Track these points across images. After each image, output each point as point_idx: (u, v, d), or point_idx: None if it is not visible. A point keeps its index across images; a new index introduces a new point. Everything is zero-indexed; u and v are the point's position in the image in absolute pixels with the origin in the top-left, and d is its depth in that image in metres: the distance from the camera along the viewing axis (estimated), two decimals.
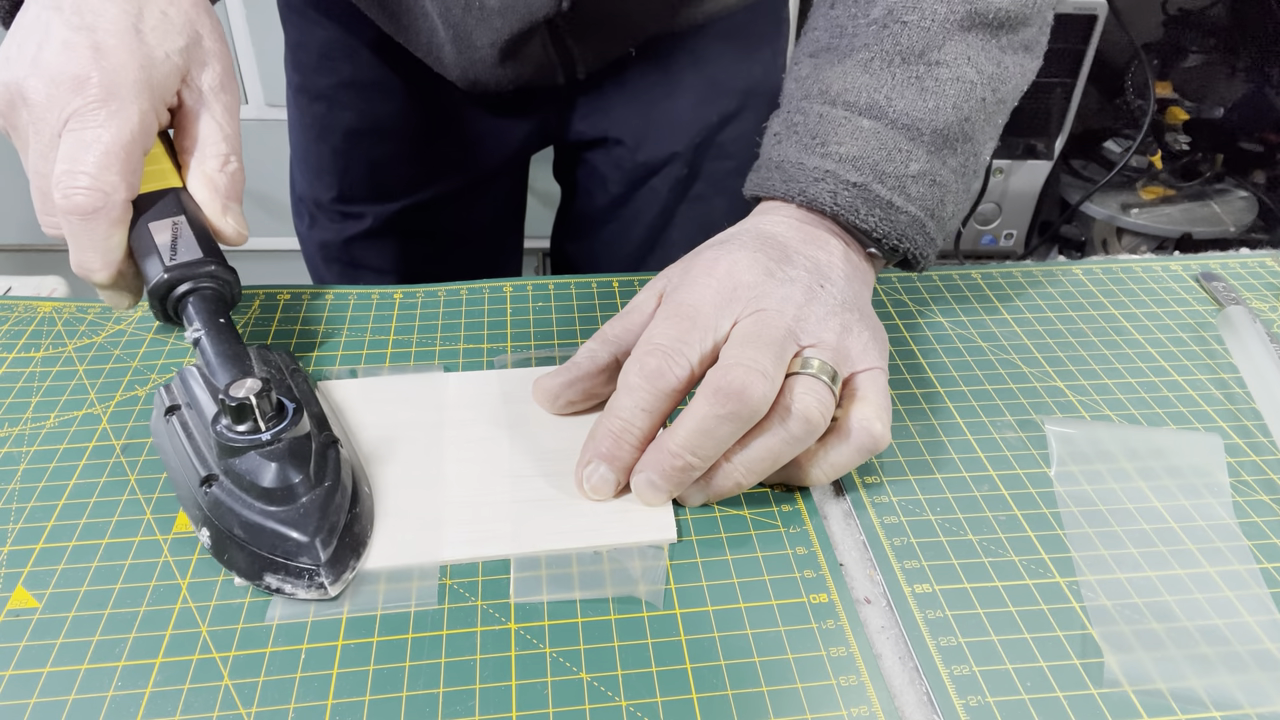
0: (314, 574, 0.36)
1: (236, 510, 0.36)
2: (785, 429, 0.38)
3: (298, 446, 0.37)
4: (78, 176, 0.39)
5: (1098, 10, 1.38)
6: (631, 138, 0.71)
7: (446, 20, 0.60)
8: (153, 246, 0.41)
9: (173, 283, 0.41)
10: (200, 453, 0.38)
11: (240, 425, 0.36)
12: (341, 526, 0.37)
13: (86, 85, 0.39)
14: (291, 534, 0.36)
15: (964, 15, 0.44)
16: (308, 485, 0.36)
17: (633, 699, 0.33)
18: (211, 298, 0.42)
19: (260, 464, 0.36)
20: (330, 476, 0.37)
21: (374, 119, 0.70)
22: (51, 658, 0.34)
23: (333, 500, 0.37)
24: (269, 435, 0.36)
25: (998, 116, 0.47)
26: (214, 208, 0.44)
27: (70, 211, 0.39)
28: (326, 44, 0.68)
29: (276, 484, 0.36)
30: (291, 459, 0.36)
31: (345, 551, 0.36)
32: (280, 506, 0.36)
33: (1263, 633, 0.35)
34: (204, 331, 0.41)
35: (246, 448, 0.36)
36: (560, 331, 0.51)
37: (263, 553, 0.36)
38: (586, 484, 0.40)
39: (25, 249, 1.49)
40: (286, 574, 0.36)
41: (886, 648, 0.35)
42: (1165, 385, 0.48)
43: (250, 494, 0.36)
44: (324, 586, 0.35)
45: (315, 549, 0.36)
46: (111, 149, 0.39)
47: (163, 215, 0.42)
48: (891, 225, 0.44)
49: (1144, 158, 1.55)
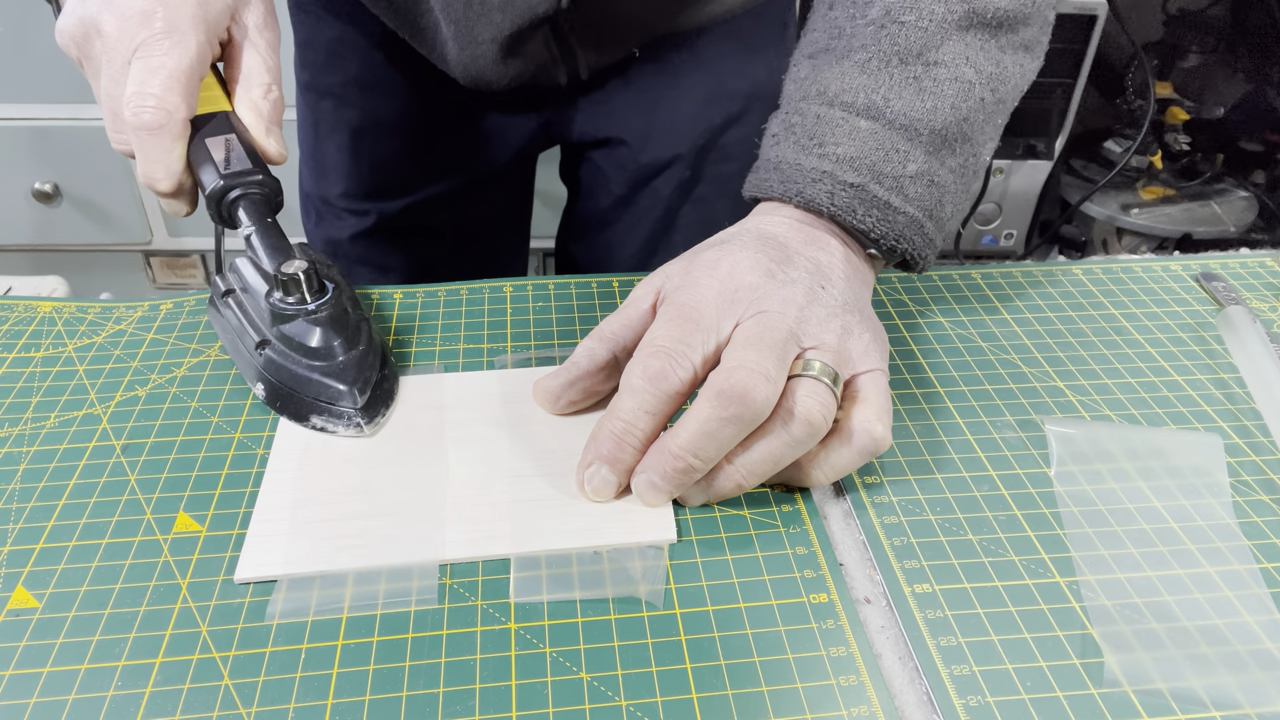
0: (352, 415, 0.43)
1: (288, 366, 0.44)
2: (787, 432, 0.38)
3: (338, 315, 0.45)
4: (145, 97, 0.44)
5: (1098, 10, 1.38)
6: (635, 138, 0.71)
7: (449, 16, 0.60)
8: (209, 158, 0.47)
9: (227, 188, 0.46)
10: (254, 323, 0.46)
11: (290, 297, 0.44)
12: (374, 381, 0.44)
13: (153, 19, 0.44)
14: (334, 384, 0.43)
15: (962, 15, 0.44)
16: (345, 347, 0.44)
17: (633, 699, 0.33)
18: (259, 201, 0.47)
19: (307, 328, 0.44)
20: (364, 342, 0.45)
21: (379, 117, 0.70)
22: (51, 658, 0.34)
23: (367, 359, 0.44)
24: (314, 305, 0.44)
25: (997, 117, 0.47)
26: (259, 129, 0.49)
27: (139, 128, 0.44)
28: (334, 42, 0.68)
29: (320, 344, 0.44)
30: (333, 325, 0.44)
31: (377, 400, 0.44)
32: (324, 362, 0.44)
33: (1263, 633, 0.35)
34: (254, 229, 0.46)
35: (295, 315, 0.44)
36: (560, 331, 0.51)
37: (309, 398, 0.43)
38: (588, 485, 0.40)
39: (25, 249, 1.49)
40: (329, 416, 0.43)
41: (886, 648, 0.35)
42: (1165, 385, 0.48)
43: (299, 352, 0.44)
44: (360, 426, 0.43)
45: (354, 395, 0.43)
46: (175, 73, 0.44)
47: (216, 133, 0.47)
48: (889, 226, 0.44)
49: (1144, 158, 1.55)
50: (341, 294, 0.46)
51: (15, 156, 1.38)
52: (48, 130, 1.35)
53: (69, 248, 1.48)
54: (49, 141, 1.36)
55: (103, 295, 0.55)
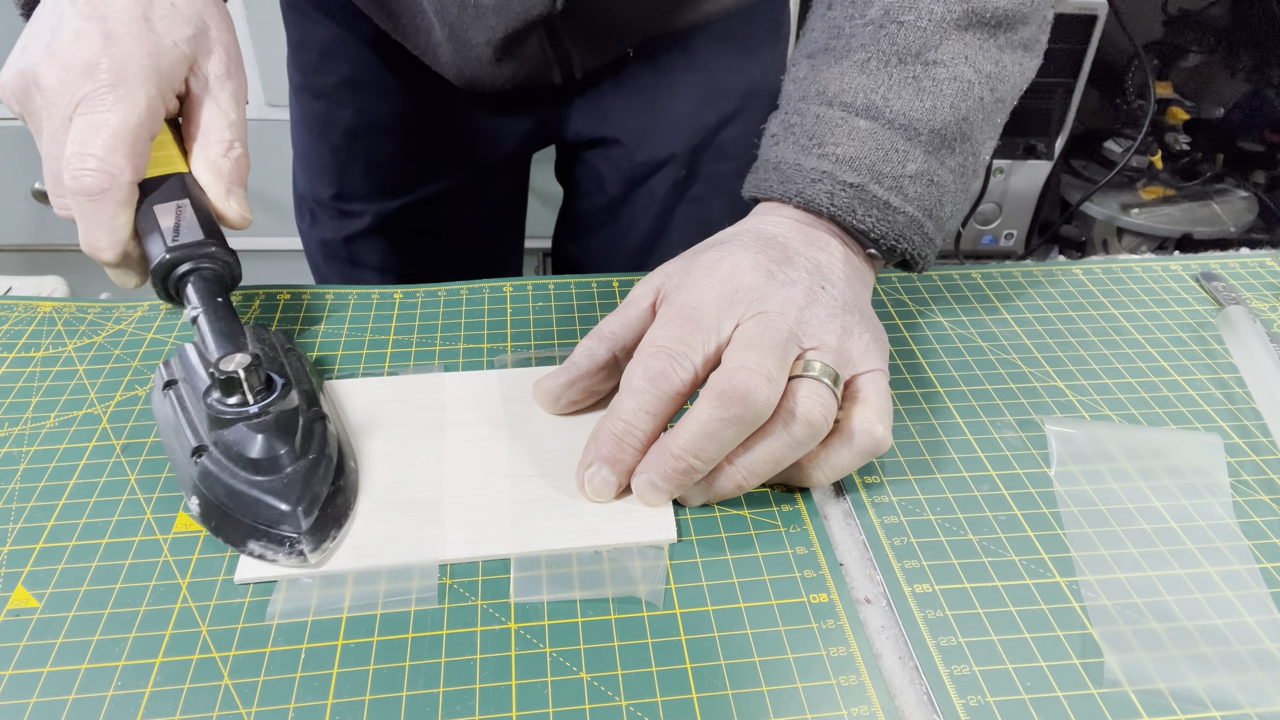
0: (295, 541, 0.37)
1: (224, 480, 0.37)
2: (788, 433, 0.38)
3: (285, 420, 0.38)
4: (86, 159, 0.40)
5: (1098, 10, 1.38)
6: (630, 138, 0.71)
7: (443, 18, 0.60)
8: (156, 227, 0.43)
9: (174, 263, 0.43)
10: (193, 425, 0.40)
11: (230, 398, 0.38)
12: (324, 497, 0.38)
13: (96, 71, 0.40)
14: (275, 503, 0.37)
15: (961, 14, 0.44)
16: (292, 457, 0.38)
17: (633, 699, 0.33)
18: (211, 278, 0.43)
19: (247, 435, 0.37)
20: (315, 449, 0.39)
21: (373, 117, 0.70)
22: (51, 658, 0.34)
23: (316, 472, 0.38)
24: (256, 408, 0.38)
25: (997, 116, 0.47)
26: (217, 192, 0.45)
27: (79, 192, 0.41)
28: (327, 42, 0.68)
29: (262, 455, 0.37)
30: (278, 431, 0.38)
31: (327, 521, 0.38)
32: (265, 476, 0.37)
33: (1263, 633, 0.35)
34: (201, 310, 0.42)
35: (235, 420, 0.37)
36: (560, 331, 0.51)
37: (247, 520, 0.37)
38: (588, 486, 0.40)
39: (25, 249, 1.49)
40: (269, 541, 0.37)
41: (886, 648, 0.35)
42: (1165, 385, 0.48)
43: (237, 464, 0.37)
44: (303, 554, 0.37)
45: (297, 517, 0.37)
46: (119, 132, 0.40)
47: (168, 198, 0.43)
48: (889, 226, 0.44)
49: (1144, 158, 1.55)
50: (293, 389, 0.39)
51: (15, 156, 1.38)
52: None
53: (69, 248, 1.48)
54: None
55: (103, 295, 0.55)
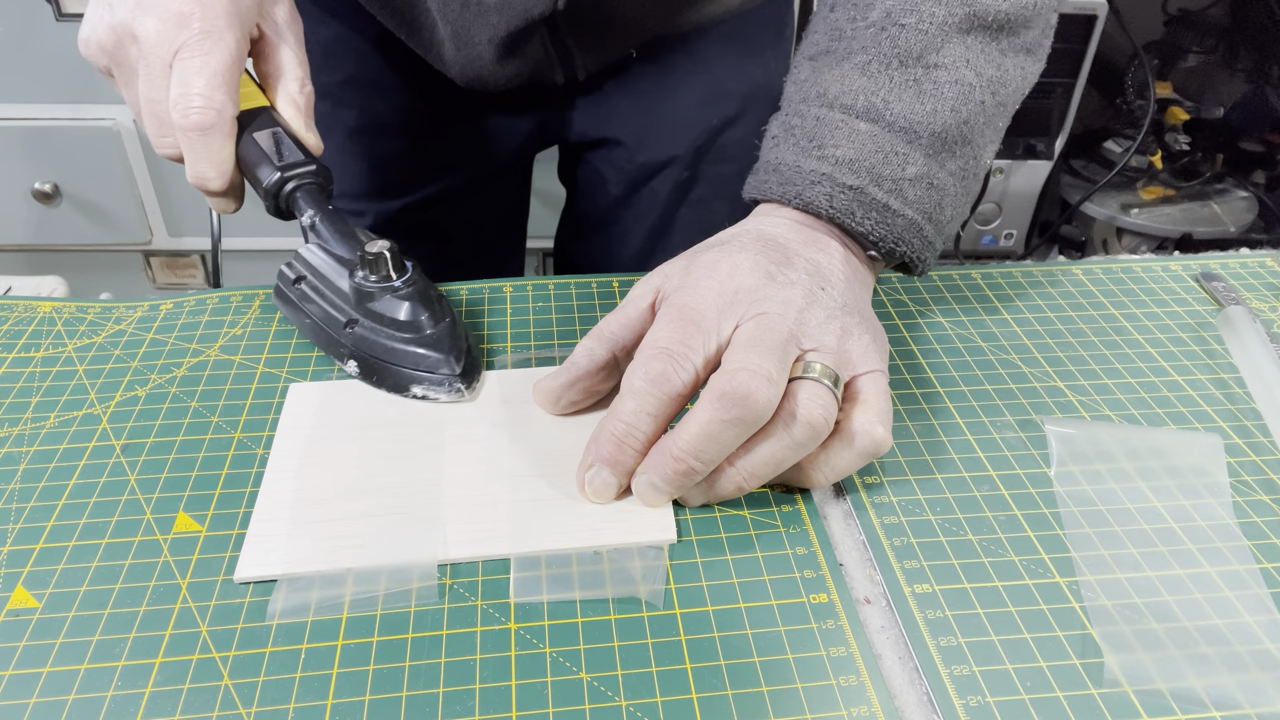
0: (452, 380, 0.45)
1: (381, 341, 0.46)
2: (789, 434, 0.38)
3: (422, 290, 0.47)
4: (193, 98, 0.44)
5: (1098, 10, 1.38)
6: (632, 139, 0.71)
7: (445, 16, 0.60)
8: (262, 152, 0.48)
9: (285, 180, 0.48)
10: (336, 304, 0.47)
11: (374, 275, 0.46)
12: (466, 348, 0.47)
13: (190, 20, 0.44)
14: (430, 353, 0.45)
15: (963, 18, 0.44)
16: (433, 320, 0.46)
17: (633, 699, 0.33)
18: (316, 190, 0.49)
19: (395, 303, 0.46)
20: (448, 314, 0.47)
21: (376, 117, 0.70)
22: (51, 658, 0.34)
23: (456, 329, 0.47)
24: (399, 282, 0.46)
25: (998, 120, 0.47)
26: (299, 123, 0.50)
27: (189, 129, 0.45)
28: (330, 41, 0.68)
29: (410, 317, 0.46)
30: (420, 299, 0.46)
31: (471, 366, 0.47)
32: (416, 334, 0.46)
33: (1263, 633, 0.36)
34: (318, 215, 0.48)
35: (382, 292, 0.46)
36: (560, 331, 0.51)
37: (408, 369, 0.45)
38: (588, 487, 0.40)
39: (25, 249, 1.49)
40: (429, 384, 0.45)
41: (886, 648, 0.35)
42: (1165, 385, 0.48)
43: (391, 327, 0.46)
44: (461, 390, 0.45)
45: (451, 362, 0.45)
46: (218, 72, 0.45)
47: (262, 128, 0.49)
48: (888, 228, 0.44)
49: (1144, 158, 1.55)
50: (420, 271, 0.47)
51: (15, 156, 1.37)
52: (48, 130, 1.35)
53: (69, 248, 1.48)
54: (49, 141, 1.36)
55: (103, 295, 0.55)
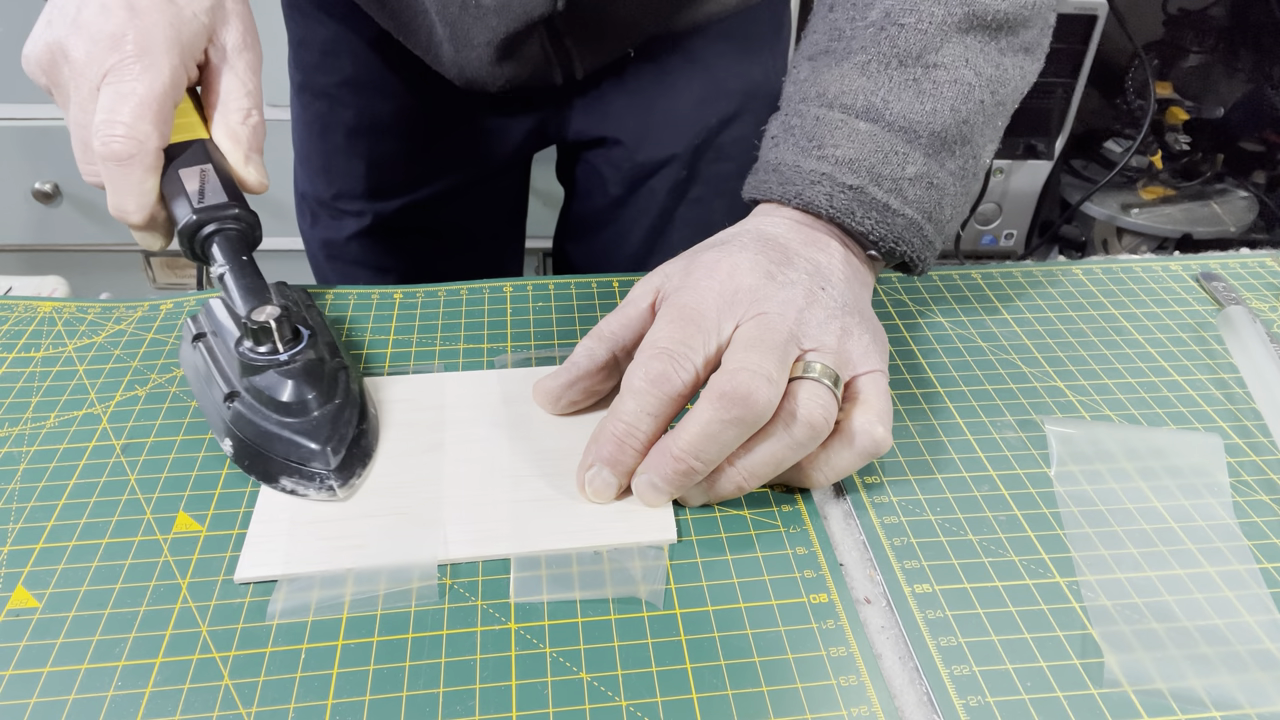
0: (324, 478, 0.40)
1: (256, 422, 0.41)
2: (789, 434, 0.38)
3: (312, 367, 0.42)
4: (115, 126, 0.42)
5: (1098, 10, 1.38)
6: (630, 138, 0.71)
7: (444, 18, 0.60)
8: (182, 191, 0.44)
9: (200, 223, 0.44)
10: (224, 373, 0.43)
11: (261, 347, 0.41)
12: (350, 438, 0.41)
13: (123, 43, 0.42)
14: (305, 443, 0.40)
15: (962, 17, 0.44)
16: (320, 401, 0.41)
17: (633, 699, 0.33)
18: (235, 238, 0.45)
19: (278, 381, 0.41)
20: (340, 395, 0.42)
21: (374, 117, 0.70)
22: (51, 658, 0.34)
23: (342, 415, 0.42)
24: (286, 356, 0.41)
25: (997, 119, 0.47)
26: (237, 157, 0.46)
27: (108, 158, 0.42)
28: (328, 42, 0.68)
29: (292, 398, 0.41)
30: (306, 377, 0.41)
31: (353, 460, 0.41)
32: (295, 418, 0.41)
33: (1263, 633, 0.36)
34: (228, 267, 0.44)
35: (266, 366, 0.41)
36: (560, 331, 0.51)
37: (279, 458, 0.40)
38: (588, 487, 0.40)
39: (25, 249, 1.49)
40: (300, 477, 0.40)
41: (886, 648, 0.35)
42: (1165, 385, 0.48)
43: (269, 407, 0.41)
44: (333, 489, 0.40)
45: (326, 455, 0.40)
46: (145, 100, 0.42)
47: (191, 163, 0.45)
48: (888, 228, 0.44)
49: (1144, 158, 1.55)
50: (318, 340, 0.43)
51: (15, 156, 1.38)
52: (48, 130, 1.35)
53: (69, 248, 1.48)
54: (49, 141, 1.36)
55: (103, 295, 0.55)
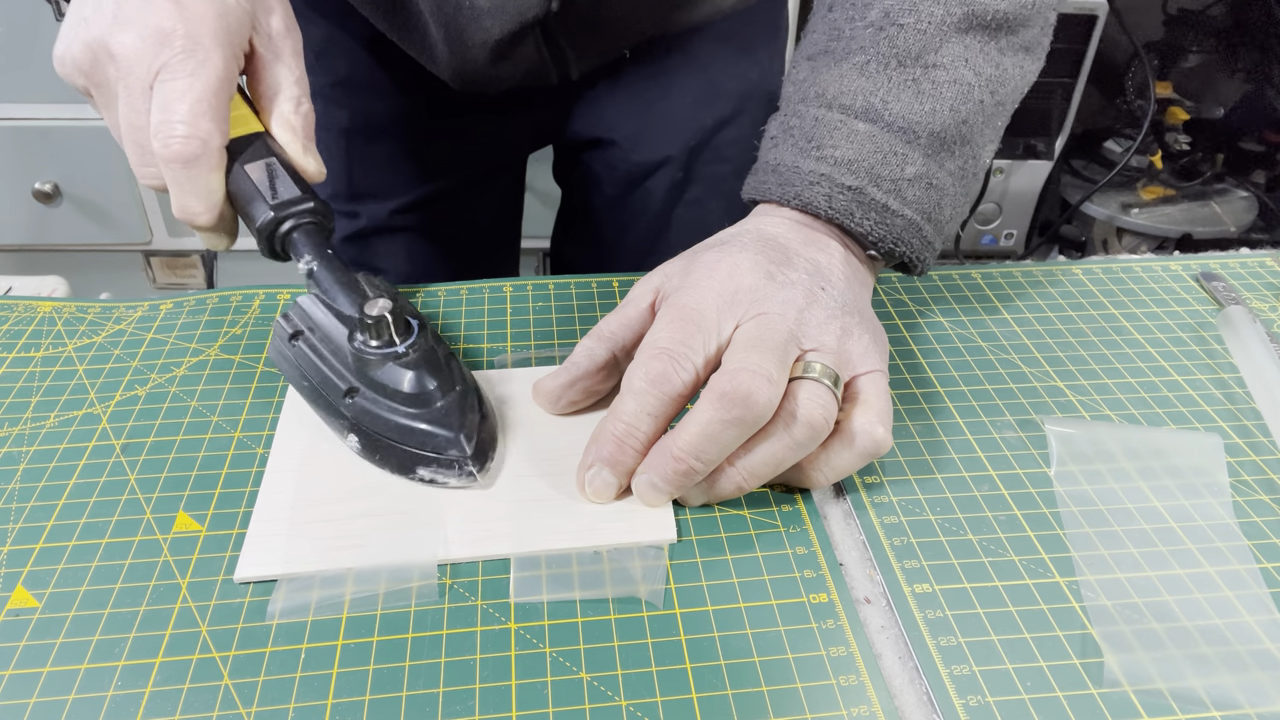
0: (462, 464, 0.40)
1: (383, 415, 0.41)
2: (789, 434, 0.38)
3: (429, 355, 0.41)
4: (174, 126, 0.40)
5: (1098, 10, 1.38)
6: (626, 139, 0.71)
7: (439, 20, 0.59)
8: (253, 187, 0.43)
9: (279, 220, 0.43)
10: (335, 369, 0.42)
11: (375, 340, 0.41)
12: (478, 423, 0.41)
13: (172, 38, 0.40)
14: (439, 431, 0.40)
15: (961, 17, 0.43)
16: (443, 390, 0.41)
17: (633, 699, 0.33)
18: (314, 231, 0.44)
19: (399, 372, 0.41)
20: (460, 381, 0.42)
21: (368, 118, 0.70)
22: (51, 658, 0.34)
23: (466, 401, 0.41)
24: (403, 348, 0.41)
25: (997, 119, 0.47)
26: (296, 148, 0.46)
27: (171, 160, 0.41)
28: (322, 42, 0.68)
29: (415, 389, 0.40)
30: (426, 366, 0.41)
31: (484, 444, 0.41)
32: (423, 409, 0.40)
33: (1263, 633, 0.36)
34: (317, 263, 0.44)
35: (383, 359, 0.41)
36: (560, 331, 0.51)
37: (413, 449, 0.40)
38: (588, 487, 0.40)
39: (25, 249, 1.49)
40: (438, 466, 0.40)
41: (886, 648, 0.35)
42: (1165, 385, 0.48)
43: (394, 399, 0.41)
44: (473, 474, 0.40)
45: (461, 442, 0.40)
46: (203, 96, 0.40)
47: (254, 158, 0.44)
48: (887, 229, 0.44)
49: (1144, 158, 1.55)
50: (427, 330, 0.43)
51: (15, 156, 1.38)
52: (48, 130, 1.35)
53: (69, 248, 1.48)
54: (49, 141, 1.36)
55: (103, 295, 0.55)
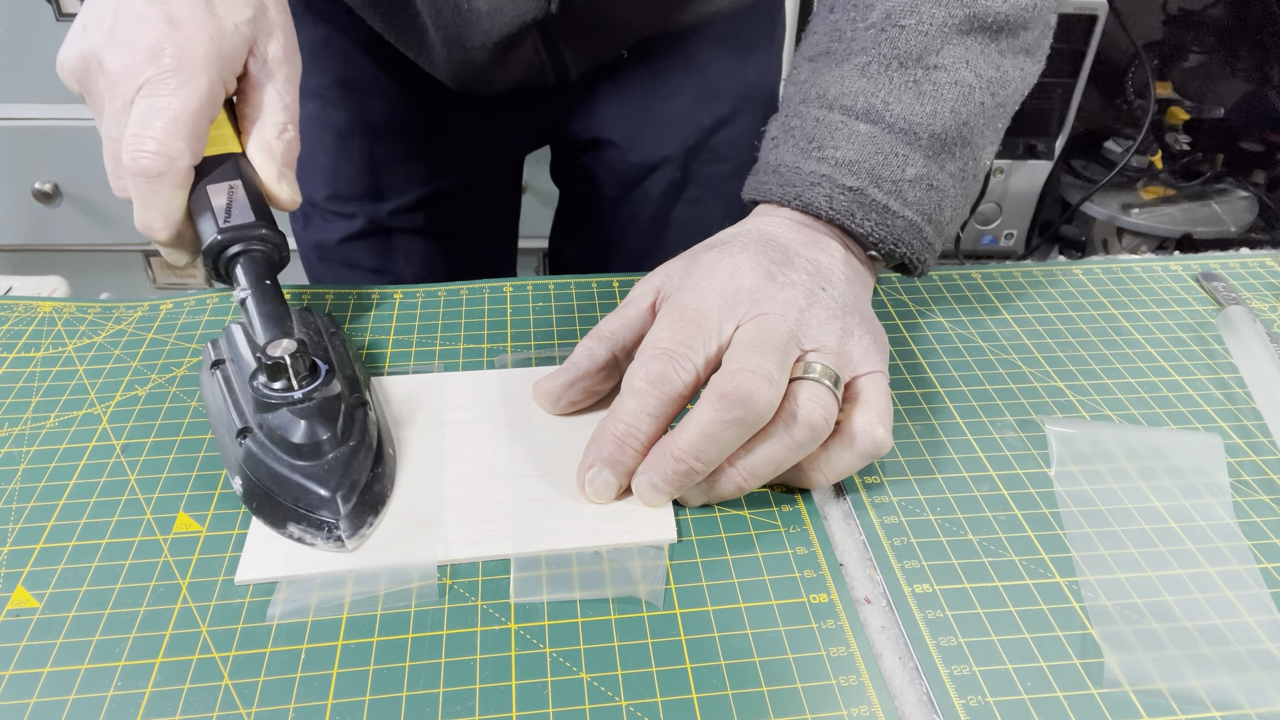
0: (333, 527, 0.37)
1: (267, 462, 0.38)
2: (790, 435, 0.38)
3: (327, 406, 0.39)
4: (145, 141, 0.41)
5: (1098, 10, 1.38)
6: (624, 139, 0.71)
7: (437, 21, 0.59)
8: (209, 209, 0.43)
9: (225, 244, 0.43)
10: (239, 405, 0.41)
11: (275, 383, 0.39)
12: (363, 484, 0.39)
13: (160, 56, 0.41)
14: (315, 488, 0.38)
15: (962, 19, 0.44)
16: (334, 443, 0.39)
17: (633, 699, 0.33)
18: (260, 260, 0.44)
19: (291, 420, 0.38)
20: (356, 436, 0.40)
21: (366, 119, 0.70)
22: (51, 658, 0.34)
23: (356, 458, 0.39)
24: (300, 394, 0.39)
25: (998, 121, 0.47)
26: (270, 173, 0.45)
27: (136, 174, 0.41)
28: (319, 43, 0.68)
29: (304, 440, 0.38)
30: (320, 417, 0.39)
31: (364, 508, 0.38)
32: (307, 461, 0.38)
33: (1263, 633, 0.36)
34: (250, 292, 0.43)
35: (279, 404, 0.39)
36: (560, 331, 0.51)
37: (287, 503, 0.38)
38: (588, 487, 0.40)
39: (25, 249, 1.49)
40: (308, 525, 0.38)
41: (886, 648, 0.35)
42: (1165, 385, 0.48)
43: (280, 448, 0.38)
44: (341, 540, 0.37)
45: (335, 503, 0.38)
46: (179, 116, 0.41)
47: (221, 179, 0.44)
48: (888, 230, 0.44)
49: (1144, 158, 1.55)
50: (336, 375, 0.41)
51: (15, 156, 1.38)
52: (48, 130, 1.35)
53: (69, 248, 1.48)
54: (49, 141, 1.36)
55: (103, 295, 0.55)
